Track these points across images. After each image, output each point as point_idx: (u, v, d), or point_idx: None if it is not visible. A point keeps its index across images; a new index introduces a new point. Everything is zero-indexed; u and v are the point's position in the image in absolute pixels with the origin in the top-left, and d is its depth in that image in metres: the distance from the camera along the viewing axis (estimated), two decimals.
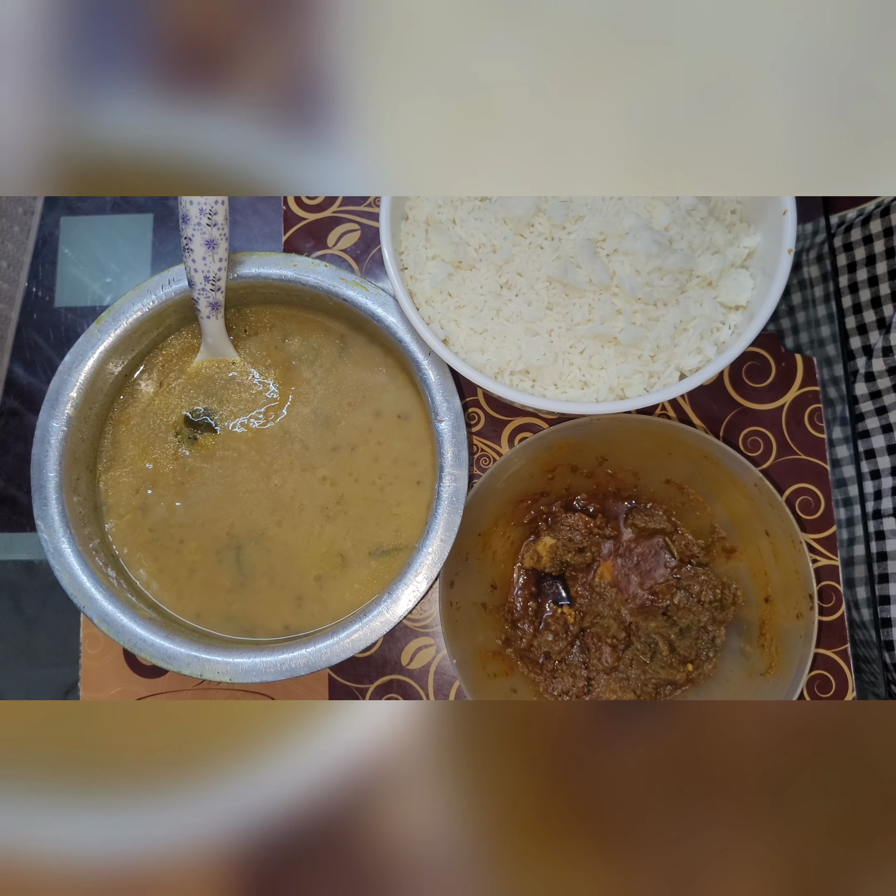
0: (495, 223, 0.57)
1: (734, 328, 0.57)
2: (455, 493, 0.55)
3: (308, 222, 0.70)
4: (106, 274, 0.79)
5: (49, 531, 0.55)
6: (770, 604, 0.59)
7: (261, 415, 0.61)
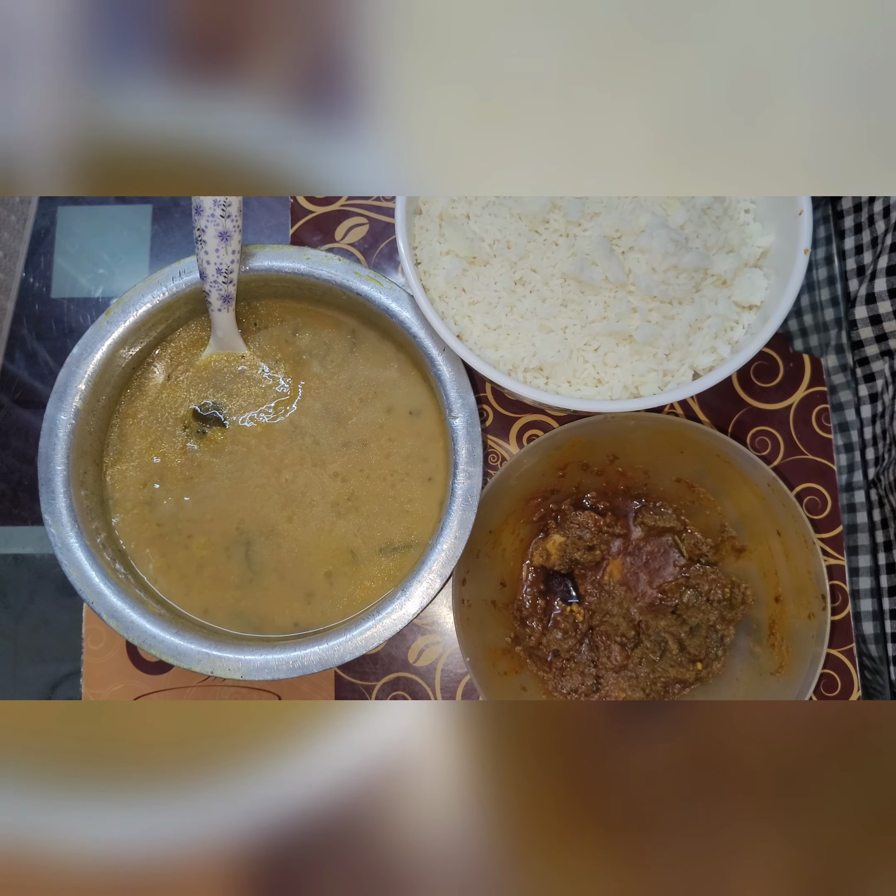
0: (510, 219, 0.57)
1: (748, 327, 0.57)
2: (469, 491, 0.55)
3: (315, 215, 0.69)
4: (104, 265, 0.78)
5: (57, 525, 0.54)
6: (780, 603, 0.59)
7: (270, 409, 0.60)
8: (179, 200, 0.77)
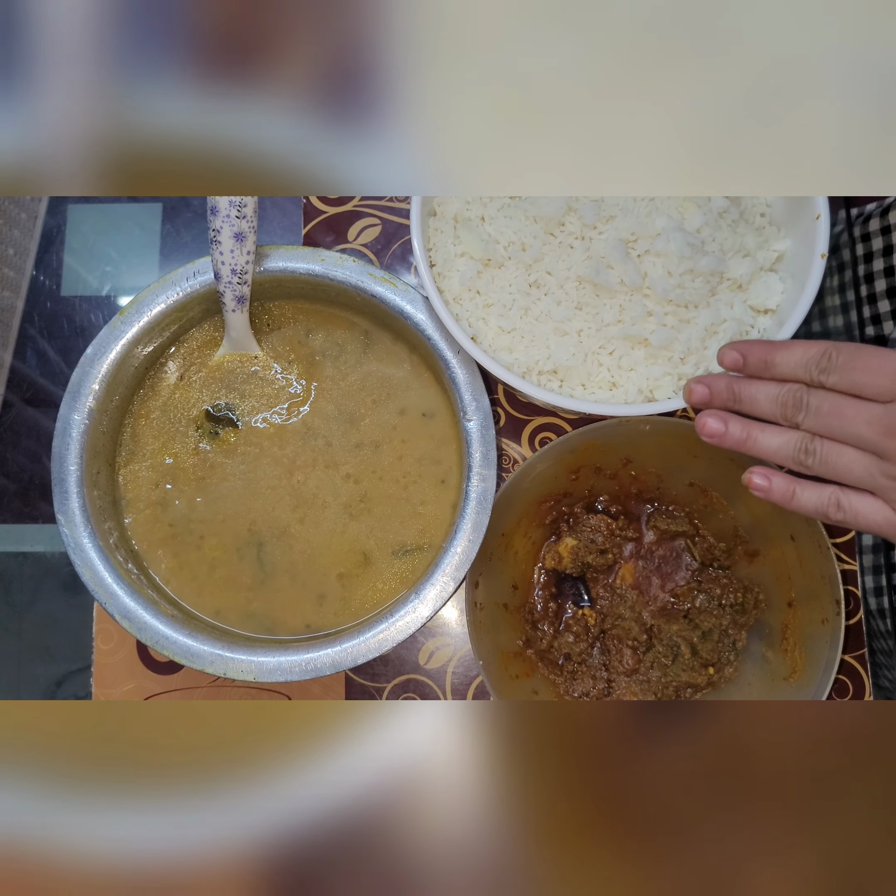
0: (525, 221, 0.56)
1: (763, 332, 0.57)
2: (483, 494, 0.55)
3: (328, 216, 0.69)
4: (113, 263, 0.78)
5: (70, 525, 0.54)
6: (793, 608, 0.59)
7: (283, 410, 0.60)
8: (190, 200, 0.77)
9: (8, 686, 0.75)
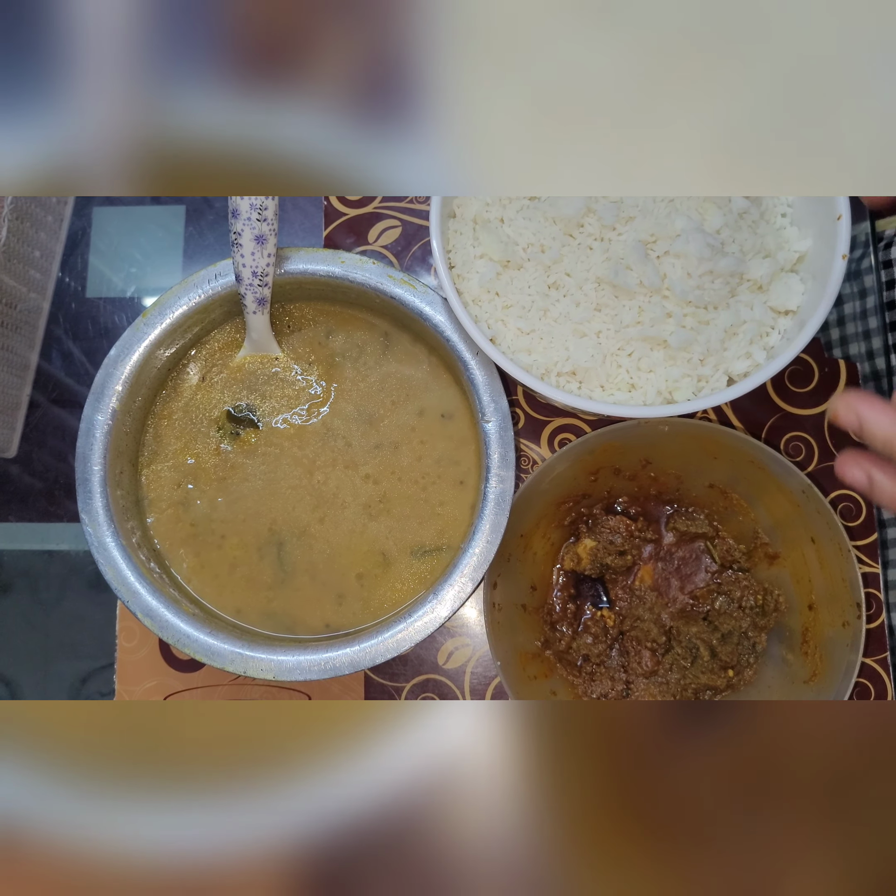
0: (544, 223, 0.57)
1: (784, 333, 0.56)
2: (501, 495, 0.55)
3: (349, 218, 0.70)
4: (137, 264, 0.78)
5: (94, 525, 0.55)
6: (814, 611, 0.59)
7: (303, 411, 0.61)
8: (213, 202, 0.78)
9: (35, 682, 0.76)
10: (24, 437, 0.73)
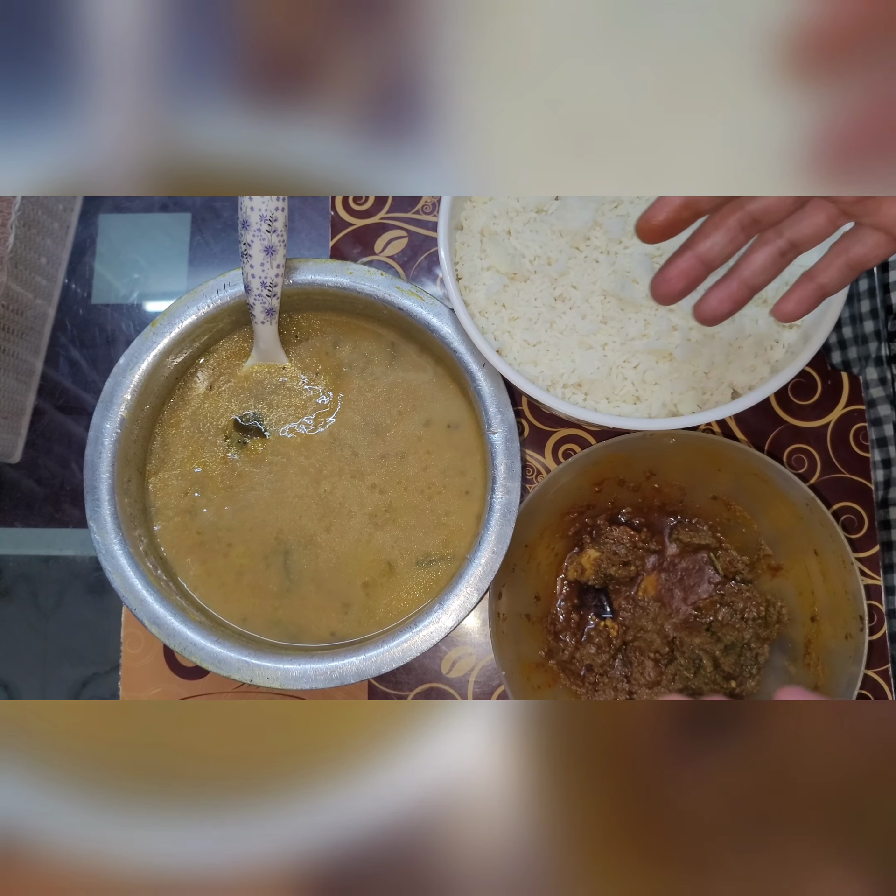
0: (551, 235, 0.57)
1: (788, 347, 0.57)
2: (507, 506, 0.55)
3: (355, 228, 0.70)
4: (143, 271, 0.79)
5: (101, 532, 0.55)
6: (816, 623, 0.59)
7: (310, 420, 0.61)
8: (220, 211, 0.78)
9: (35, 686, 0.77)
10: (29, 444, 0.73)
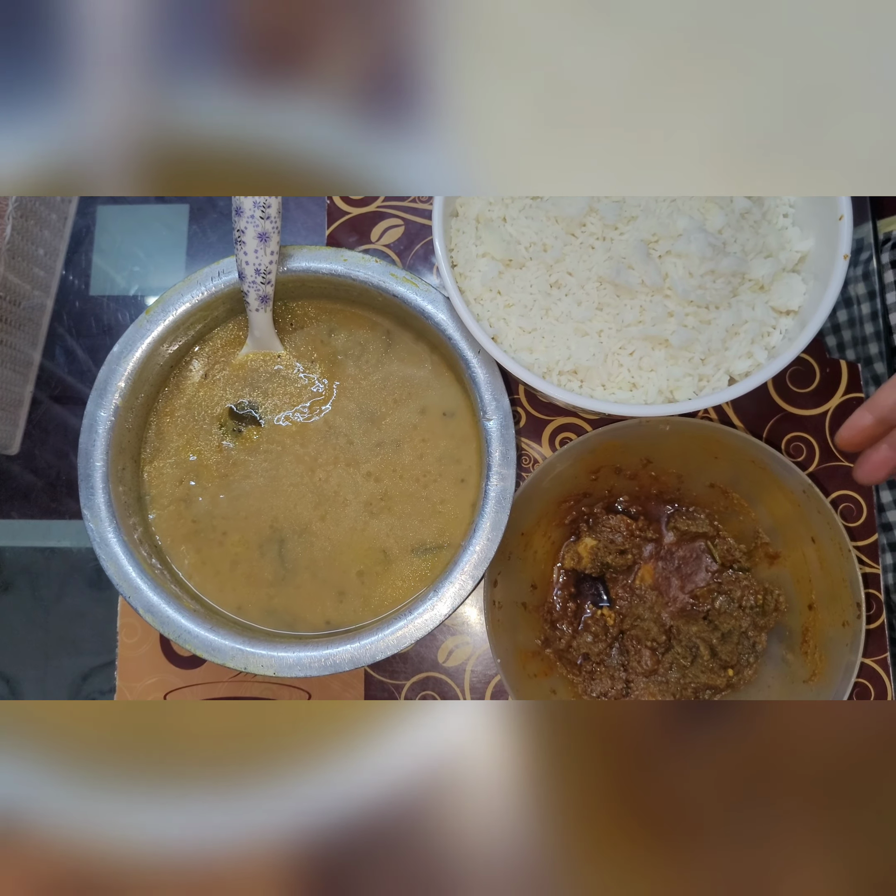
0: (547, 222, 0.57)
1: (785, 333, 0.56)
2: (502, 493, 0.55)
3: (352, 216, 0.70)
4: (140, 263, 0.79)
5: (95, 521, 0.55)
6: (814, 611, 0.59)
7: (305, 409, 0.61)
8: (217, 201, 0.78)
9: (35, 679, 0.77)
10: (26, 435, 0.73)
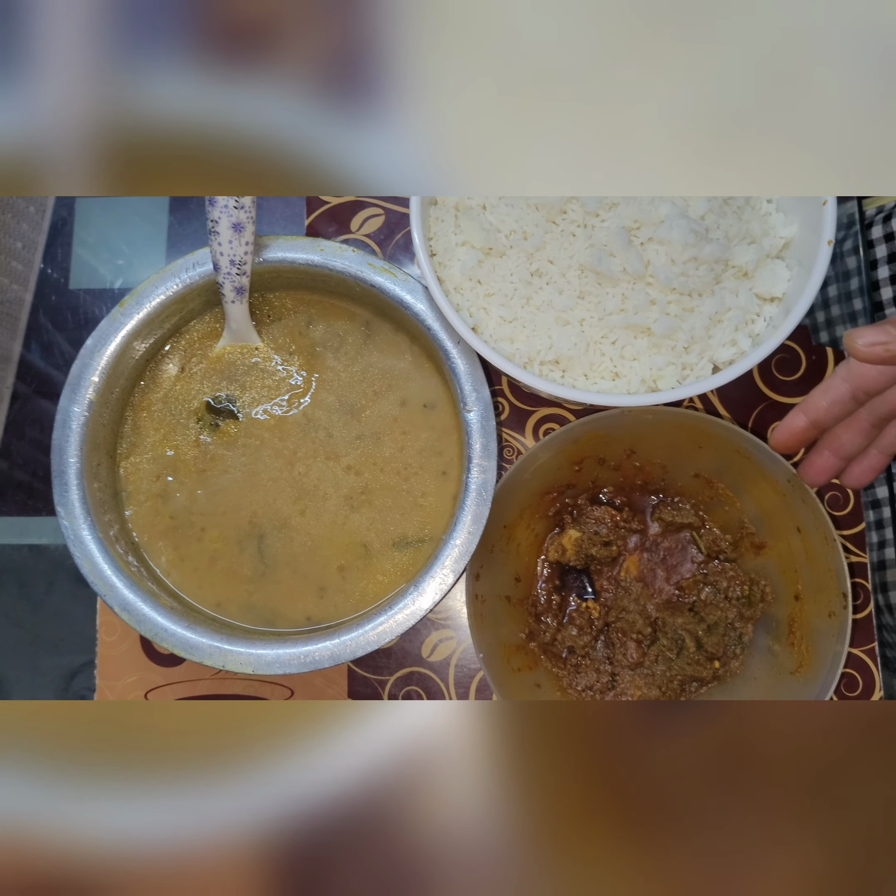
0: (527, 209, 0.56)
1: (769, 320, 0.56)
2: (483, 485, 0.54)
3: (331, 206, 0.69)
4: (120, 256, 0.77)
5: (70, 518, 0.54)
6: (800, 601, 0.58)
7: (284, 402, 0.60)
8: None
9: (22, 678, 0.76)
10: (5, 429, 0.72)
